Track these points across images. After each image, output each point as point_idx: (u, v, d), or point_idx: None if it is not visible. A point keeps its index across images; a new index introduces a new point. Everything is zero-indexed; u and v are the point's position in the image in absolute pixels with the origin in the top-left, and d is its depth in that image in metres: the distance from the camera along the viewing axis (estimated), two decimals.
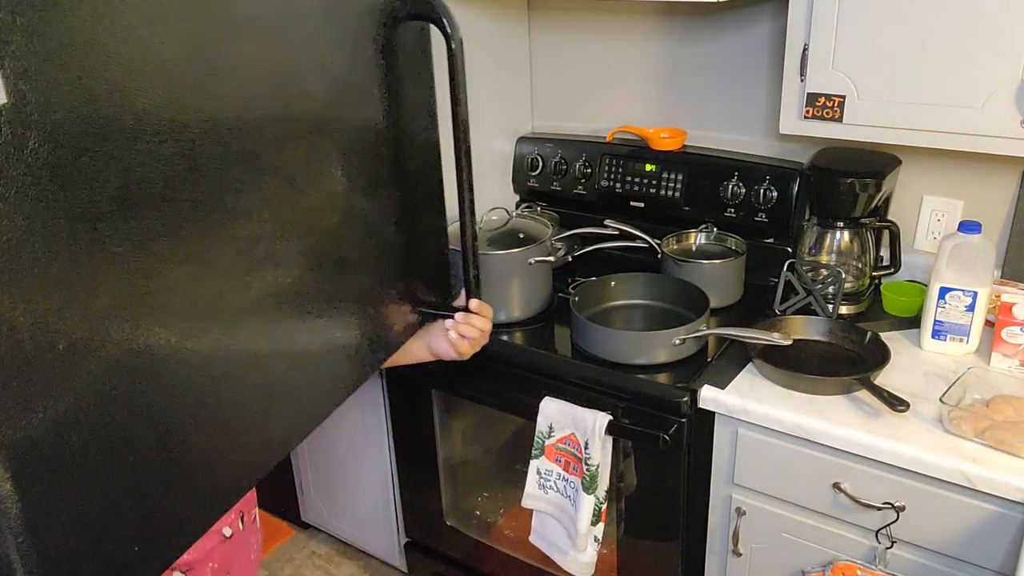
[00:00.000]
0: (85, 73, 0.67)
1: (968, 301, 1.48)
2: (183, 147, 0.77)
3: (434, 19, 1.08)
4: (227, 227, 0.85)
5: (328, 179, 1.00)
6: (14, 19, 0.60)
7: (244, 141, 0.85)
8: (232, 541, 1.21)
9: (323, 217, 1.00)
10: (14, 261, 0.63)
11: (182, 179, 0.78)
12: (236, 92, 0.83)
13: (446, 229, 1.29)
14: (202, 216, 0.81)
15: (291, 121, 0.92)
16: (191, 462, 0.84)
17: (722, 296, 1.74)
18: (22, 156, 0.62)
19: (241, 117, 0.84)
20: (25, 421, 0.65)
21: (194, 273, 0.81)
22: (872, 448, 1.31)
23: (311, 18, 0.93)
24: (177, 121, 0.76)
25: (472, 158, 1.16)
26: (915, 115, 1.41)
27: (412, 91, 1.14)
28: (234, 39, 0.82)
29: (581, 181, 2.05)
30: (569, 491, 1.57)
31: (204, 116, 0.80)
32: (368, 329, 1.13)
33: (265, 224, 0.90)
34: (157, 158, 0.75)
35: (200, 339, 0.83)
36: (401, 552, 2.14)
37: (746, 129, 1.90)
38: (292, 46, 0.91)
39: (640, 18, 1.94)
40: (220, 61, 0.81)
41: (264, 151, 0.88)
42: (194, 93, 0.78)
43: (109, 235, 0.71)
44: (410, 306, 1.22)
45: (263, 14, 0.86)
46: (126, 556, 0.78)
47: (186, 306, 0.80)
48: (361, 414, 2.00)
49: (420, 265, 1.23)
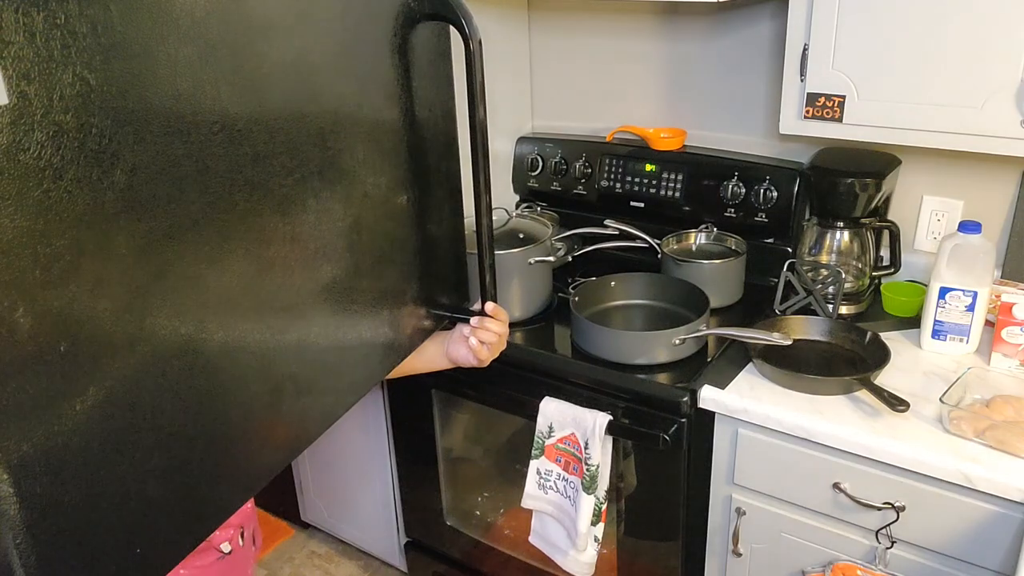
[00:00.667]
0: (88, 74, 0.66)
1: (968, 301, 1.48)
2: (191, 148, 0.77)
3: (452, 20, 1.07)
4: (236, 229, 0.84)
5: (344, 181, 0.99)
6: (16, 20, 0.60)
7: (255, 143, 0.84)
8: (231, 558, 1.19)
9: (338, 219, 0.99)
10: (16, 261, 0.63)
11: (191, 180, 0.77)
12: (248, 94, 0.83)
13: (463, 230, 1.28)
14: (211, 218, 0.80)
15: (306, 123, 0.91)
16: (193, 465, 0.84)
17: (722, 296, 1.74)
18: (24, 157, 0.62)
19: (253, 119, 0.84)
20: (25, 422, 0.65)
21: (201, 274, 0.80)
22: (872, 448, 1.31)
23: (328, 20, 0.92)
24: (186, 122, 0.76)
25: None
26: (915, 115, 1.41)
27: (431, 92, 1.13)
28: (248, 41, 0.82)
29: (581, 181, 2.05)
30: (569, 491, 1.57)
31: (214, 118, 0.79)
32: (384, 331, 1.12)
33: (276, 227, 0.89)
34: (165, 159, 0.74)
35: (207, 341, 0.82)
36: (401, 552, 2.14)
37: (746, 129, 1.90)
38: (308, 48, 0.90)
39: (640, 18, 1.94)
40: (232, 63, 0.80)
41: (276, 153, 0.88)
42: (204, 95, 0.77)
43: (114, 236, 0.70)
44: (426, 308, 1.20)
45: (279, 16, 0.85)
46: (127, 558, 0.78)
47: (193, 308, 0.80)
48: (361, 414, 2.00)
49: (437, 266, 1.22)
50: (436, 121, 1.16)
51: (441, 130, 1.18)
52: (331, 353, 1.02)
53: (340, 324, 1.03)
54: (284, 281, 0.92)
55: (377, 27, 1.01)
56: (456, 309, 1.27)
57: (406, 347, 1.18)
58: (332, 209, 0.98)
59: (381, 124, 1.05)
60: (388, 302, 1.12)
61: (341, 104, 0.97)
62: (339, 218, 0.99)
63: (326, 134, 0.95)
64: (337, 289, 1.01)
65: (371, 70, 1.01)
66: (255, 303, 0.88)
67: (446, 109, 1.18)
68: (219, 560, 1.16)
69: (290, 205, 0.91)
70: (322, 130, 0.94)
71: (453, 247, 1.26)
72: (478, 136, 1.12)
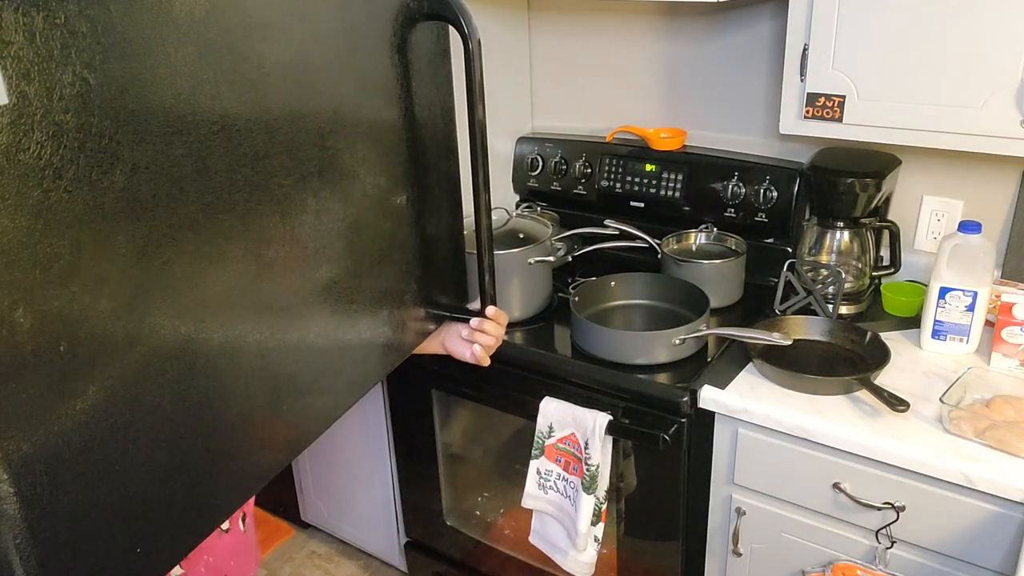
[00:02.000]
0: (88, 74, 0.66)
1: (968, 301, 1.48)
2: (191, 148, 0.77)
3: (452, 19, 1.07)
4: (236, 228, 0.84)
5: (344, 181, 0.99)
6: (16, 19, 0.60)
7: (255, 142, 0.84)
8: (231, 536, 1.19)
9: (338, 219, 0.99)
10: (16, 261, 0.63)
11: (190, 180, 0.77)
12: (248, 94, 0.83)
13: (463, 230, 1.28)
14: (210, 217, 0.80)
15: (305, 122, 0.91)
16: (193, 464, 0.84)
17: (722, 296, 1.74)
18: (24, 156, 0.62)
19: (252, 118, 0.84)
20: (25, 422, 0.65)
21: (201, 274, 0.80)
22: (872, 448, 1.31)
23: (327, 20, 0.92)
24: (186, 122, 0.76)
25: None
26: (915, 115, 1.41)
27: (430, 92, 1.13)
28: (248, 41, 0.82)
29: (581, 181, 2.05)
30: (569, 491, 1.57)
31: (213, 118, 0.79)
32: (384, 331, 1.12)
33: (276, 226, 0.89)
34: (164, 159, 0.74)
35: (207, 341, 0.82)
36: (401, 552, 2.14)
37: (746, 129, 1.90)
38: (307, 48, 0.90)
39: (640, 18, 1.94)
40: (232, 63, 0.80)
41: (276, 153, 0.88)
42: (203, 94, 0.77)
43: (114, 236, 0.70)
44: (425, 308, 1.21)
45: (278, 16, 0.85)
46: (127, 557, 0.78)
47: (192, 307, 0.80)
48: (361, 414, 2.00)
49: (436, 266, 1.22)
50: (435, 121, 1.16)
51: (440, 130, 1.18)
52: (331, 353, 1.02)
53: (339, 324, 1.03)
54: (283, 281, 0.92)
55: (376, 27, 1.01)
56: (456, 309, 1.27)
57: (406, 347, 1.18)
58: (331, 209, 0.98)
59: (380, 124, 1.04)
60: (387, 302, 1.12)
61: (340, 104, 0.97)
62: (339, 218, 0.99)
63: (325, 134, 0.95)
64: (336, 289, 1.01)
65: (370, 70, 1.01)
66: (254, 303, 0.88)
67: (445, 109, 1.18)
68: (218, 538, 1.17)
69: (290, 205, 0.91)
70: (321, 130, 0.94)
71: (452, 247, 1.26)
72: (477, 136, 1.12)
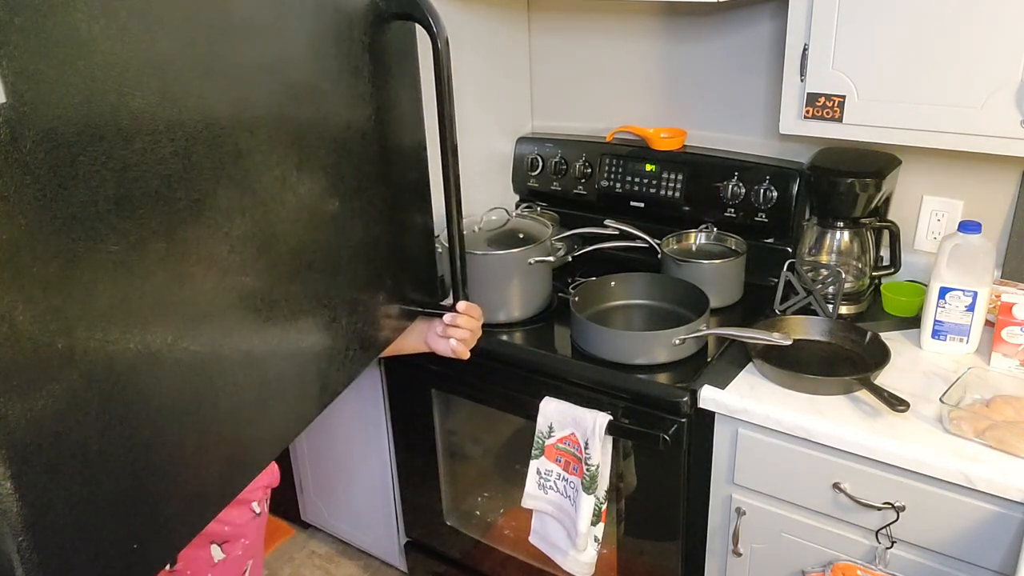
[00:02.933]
0: (82, 73, 0.67)
1: (968, 301, 1.48)
2: (178, 146, 0.78)
3: (419, 18, 1.09)
4: (222, 226, 0.85)
5: (318, 178, 1.00)
6: (12, 19, 0.61)
7: (238, 140, 0.86)
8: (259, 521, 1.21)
9: (313, 216, 1.01)
10: (13, 260, 0.63)
11: (178, 178, 0.78)
12: (230, 92, 0.84)
13: (432, 228, 1.30)
14: (197, 215, 0.81)
15: (282, 120, 0.93)
16: (188, 460, 0.85)
17: (722, 296, 1.74)
18: (21, 155, 0.62)
19: (235, 116, 0.85)
20: (25, 420, 0.65)
21: (189, 272, 0.81)
22: (872, 448, 1.31)
23: (301, 19, 0.94)
24: (173, 121, 0.77)
25: (459, 155, 1.17)
26: (915, 115, 1.40)
27: (398, 90, 1.15)
28: (228, 40, 0.83)
29: (581, 181, 2.05)
30: (569, 491, 1.57)
31: (198, 116, 0.80)
32: (358, 327, 1.13)
33: (258, 223, 0.91)
34: (153, 158, 0.75)
35: (196, 338, 0.83)
36: (401, 552, 2.14)
37: (746, 129, 1.90)
38: (284, 47, 0.92)
39: (640, 18, 1.94)
40: (214, 61, 0.81)
41: (258, 150, 0.89)
42: (189, 93, 0.79)
43: (106, 234, 0.71)
44: (398, 305, 1.22)
45: (256, 15, 0.87)
46: (125, 554, 0.78)
47: (183, 305, 0.81)
48: (361, 414, 2.00)
49: (408, 264, 1.24)
50: (404, 120, 1.18)
51: (409, 129, 1.19)
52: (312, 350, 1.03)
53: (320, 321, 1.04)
54: (266, 277, 0.93)
55: (347, 26, 1.02)
56: (428, 305, 1.30)
57: (381, 343, 1.20)
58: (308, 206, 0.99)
59: (352, 123, 1.06)
60: (364, 299, 1.13)
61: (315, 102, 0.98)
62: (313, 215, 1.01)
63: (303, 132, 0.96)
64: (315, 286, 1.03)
65: (341, 69, 1.02)
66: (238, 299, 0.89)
67: (414, 107, 1.19)
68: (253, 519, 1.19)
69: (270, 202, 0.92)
70: (299, 128, 0.95)
71: (423, 244, 1.29)
72: (446, 132, 1.13)
